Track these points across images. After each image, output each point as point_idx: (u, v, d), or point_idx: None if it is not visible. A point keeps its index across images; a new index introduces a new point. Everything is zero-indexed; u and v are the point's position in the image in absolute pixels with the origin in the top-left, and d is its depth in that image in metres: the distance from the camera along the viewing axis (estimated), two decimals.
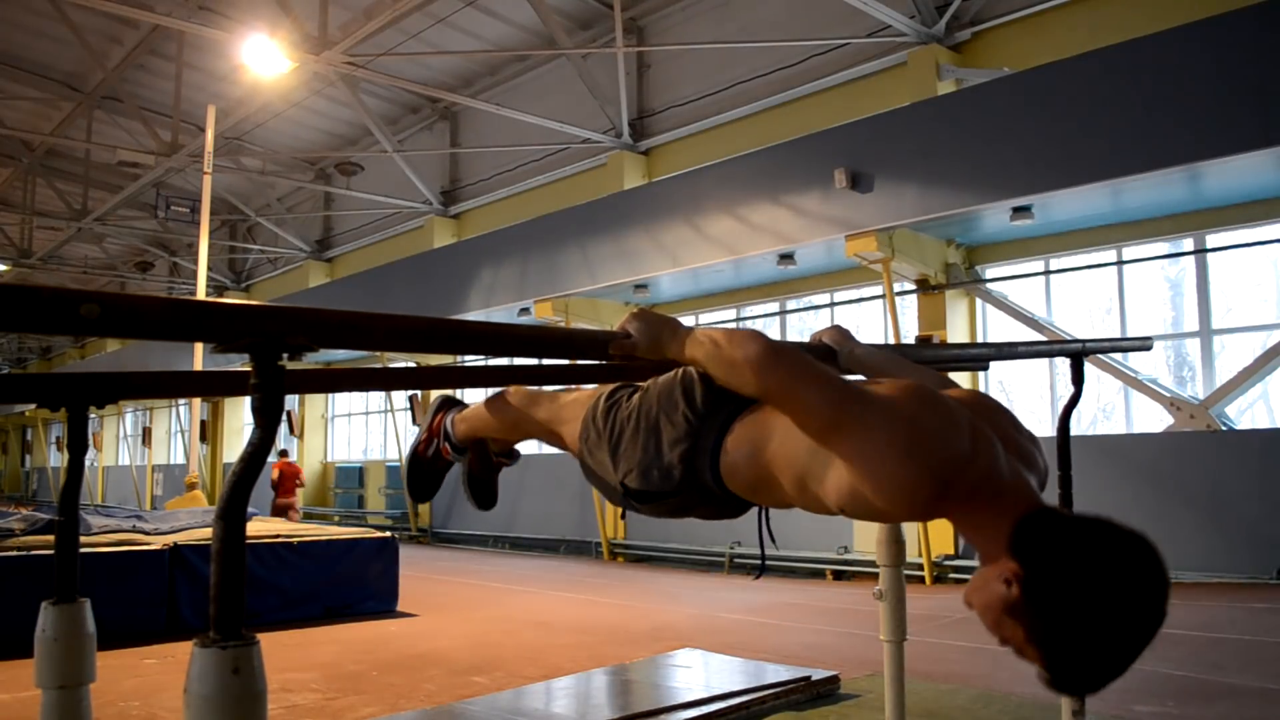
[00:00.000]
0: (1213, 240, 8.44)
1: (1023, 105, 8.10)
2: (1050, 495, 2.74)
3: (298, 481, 13.98)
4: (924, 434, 1.31)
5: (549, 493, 13.76)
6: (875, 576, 3.22)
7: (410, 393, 15.86)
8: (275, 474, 13.64)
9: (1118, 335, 8.77)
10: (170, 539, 6.90)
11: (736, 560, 10.55)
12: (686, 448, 1.69)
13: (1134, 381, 8.74)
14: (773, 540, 1.86)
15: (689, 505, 1.76)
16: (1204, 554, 7.61)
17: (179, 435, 25.01)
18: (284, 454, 14.63)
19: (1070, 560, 1.22)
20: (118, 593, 6.21)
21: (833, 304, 11.26)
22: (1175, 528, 7.73)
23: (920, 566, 8.80)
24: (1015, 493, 1.33)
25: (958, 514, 1.34)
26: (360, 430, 19.55)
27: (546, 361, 2.40)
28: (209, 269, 14.05)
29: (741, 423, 1.65)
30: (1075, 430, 3.47)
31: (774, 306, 11.90)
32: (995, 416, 1.47)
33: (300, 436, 19.24)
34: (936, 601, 7.69)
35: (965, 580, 8.79)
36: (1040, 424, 9.41)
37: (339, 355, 16.54)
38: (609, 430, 1.82)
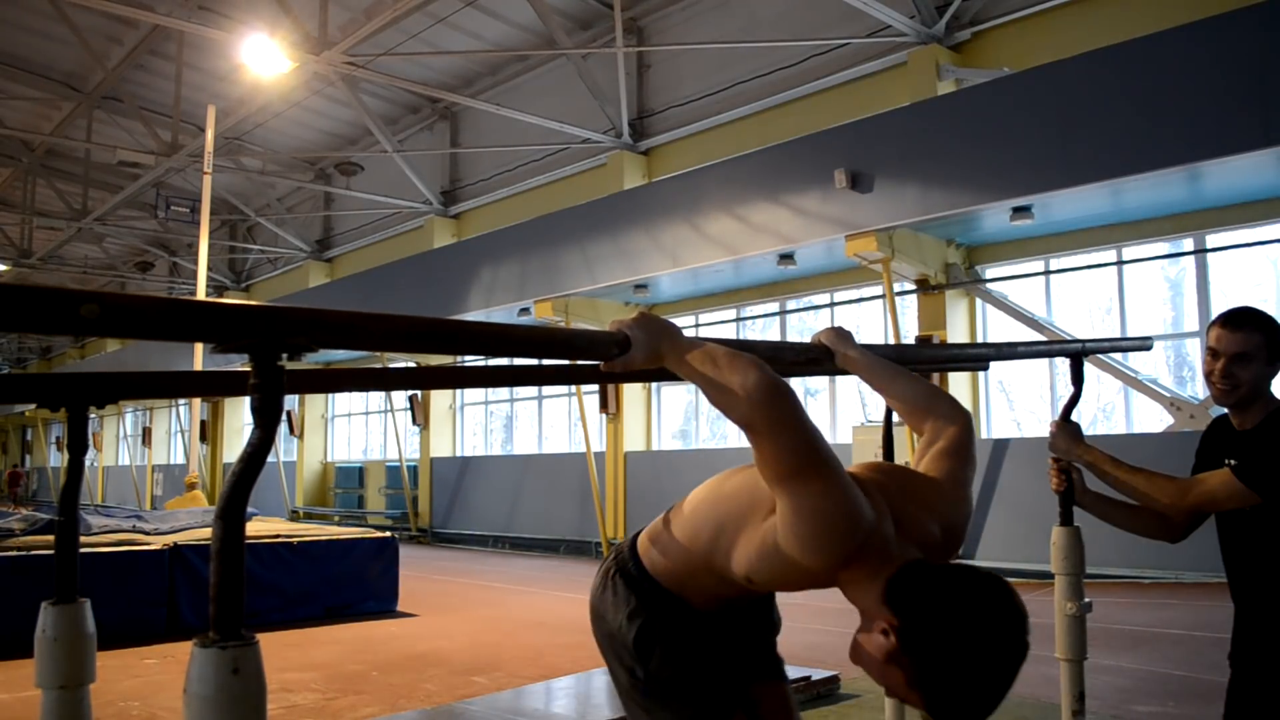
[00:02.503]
0: (1213, 240, 8.44)
1: (1023, 105, 8.09)
2: (1050, 496, 2.73)
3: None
4: (856, 505, 1.43)
5: (549, 493, 13.77)
6: None
7: (411, 393, 15.87)
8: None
9: (1118, 335, 8.77)
10: (170, 539, 6.90)
11: None
12: (617, 578, 1.78)
13: (1134, 381, 8.74)
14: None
15: (670, 622, 1.74)
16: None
17: (179, 435, 25.02)
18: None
19: (937, 605, 1.38)
20: (118, 593, 6.21)
21: (833, 304, 11.26)
22: None
23: None
24: (890, 559, 1.46)
25: (846, 578, 1.47)
26: (360, 430, 19.56)
27: (546, 362, 2.39)
28: (209, 269, 14.05)
29: (640, 538, 1.79)
30: None
31: (774, 306, 11.90)
32: (900, 493, 1.57)
33: (300, 436, 19.24)
34: None
35: None
36: (1040, 424, 9.41)
37: (339, 355, 16.55)
38: (617, 667, 1.80)
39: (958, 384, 9.43)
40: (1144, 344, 3.19)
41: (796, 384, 11.70)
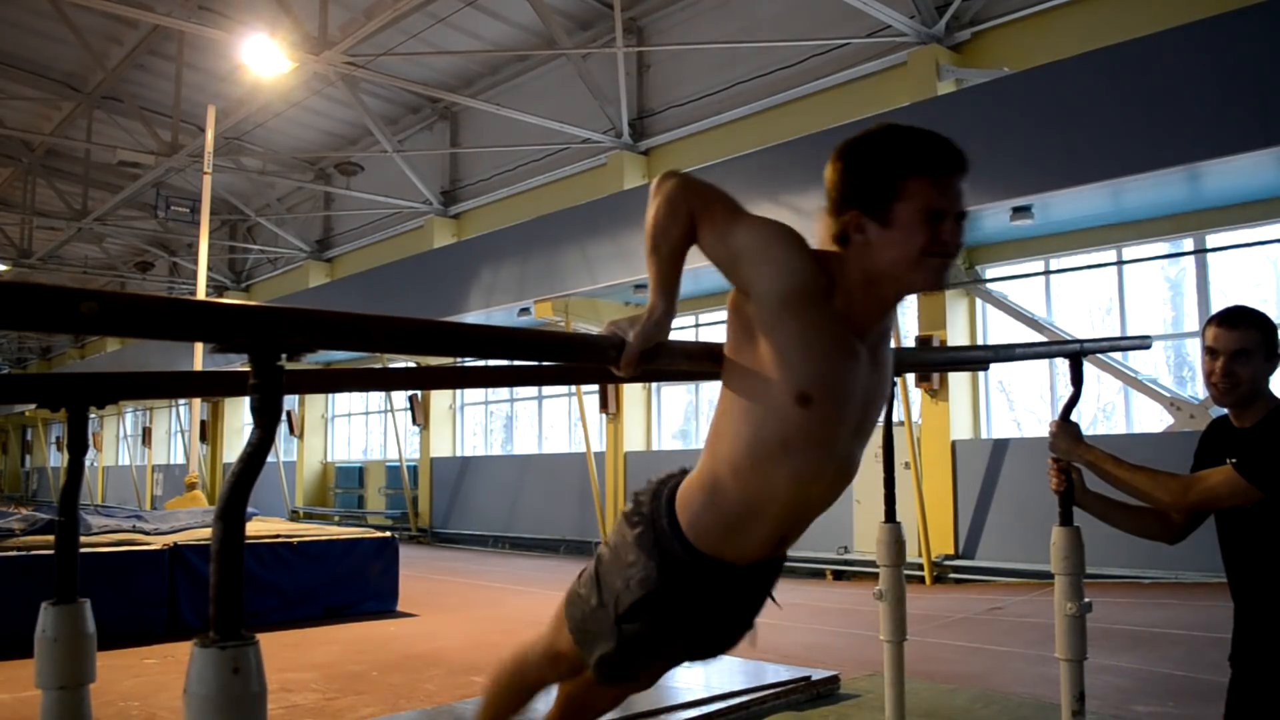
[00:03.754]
0: (1213, 240, 8.44)
1: (1023, 105, 8.09)
2: (1050, 496, 2.74)
3: None
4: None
5: (549, 493, 13.77)
6: (875, 576, 3.23)
7: (411, 393, 15.87)
8: None
9: (1117, 335, 8.77)
10: (170, 539, 6.89)
11: None
12: (644, 530, 1.72)
13: (1134, 381, 8.74)
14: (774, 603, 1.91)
15: (677, 601, 1.71)
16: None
17: (179, 435, 25.01)
18: None
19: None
20: (118, 593, 6.20)
21: None
22: None
23: (920, 566, 8.79)
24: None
25: (844, 269, 1.71)
26: (360, 430, 19.56)
27: (545, 363, 2.39)
28: (209, 269, 14.05)
29: (681, 491, 1.73)
30: None
31: None
32: None
33: (300, 436, 19.24)
34: (936, 601, 7.70)
35: (966, 580, 8.84)
36: (1040, 424, 9.41)
37: (339, 355, 16.54)
38: (592, 582, 1.82)
39: (958, 384, 9.43)
40: (1143, 343, 3.19)
41: None
